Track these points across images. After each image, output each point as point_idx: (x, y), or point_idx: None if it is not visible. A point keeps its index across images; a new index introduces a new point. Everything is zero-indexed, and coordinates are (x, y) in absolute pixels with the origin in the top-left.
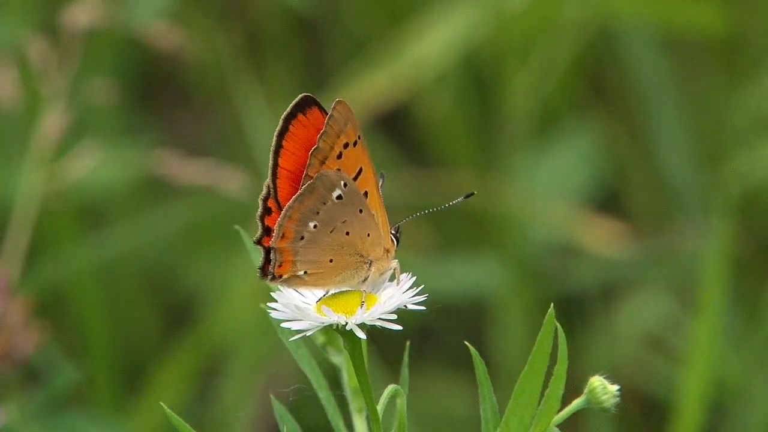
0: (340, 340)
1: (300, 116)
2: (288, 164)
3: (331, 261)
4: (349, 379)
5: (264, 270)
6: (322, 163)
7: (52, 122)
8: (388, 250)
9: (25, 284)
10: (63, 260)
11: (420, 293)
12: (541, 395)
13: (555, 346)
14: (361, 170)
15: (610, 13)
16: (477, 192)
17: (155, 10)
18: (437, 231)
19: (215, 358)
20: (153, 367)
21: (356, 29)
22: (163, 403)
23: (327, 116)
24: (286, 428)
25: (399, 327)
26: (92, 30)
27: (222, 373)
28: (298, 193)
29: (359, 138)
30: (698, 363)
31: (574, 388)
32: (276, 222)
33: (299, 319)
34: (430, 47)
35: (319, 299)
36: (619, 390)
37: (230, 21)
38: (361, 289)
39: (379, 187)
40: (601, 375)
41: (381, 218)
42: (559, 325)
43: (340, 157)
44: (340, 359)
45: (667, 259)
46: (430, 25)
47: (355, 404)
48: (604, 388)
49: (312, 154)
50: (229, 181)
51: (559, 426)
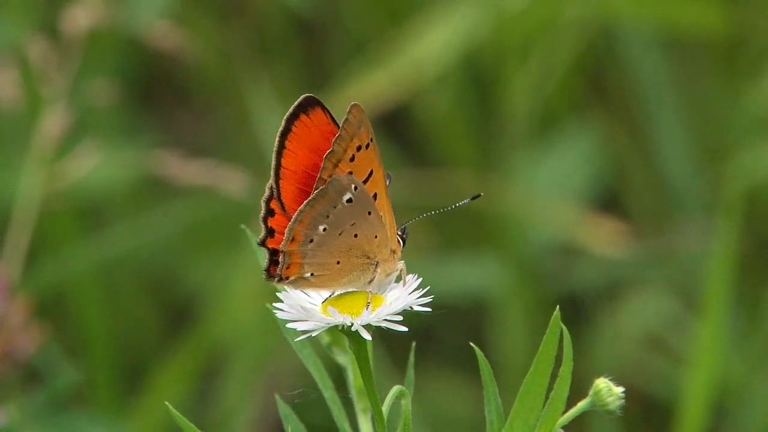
0: (346, 341)
1: (303, 117)
2: (291, 165)
3: (338, 263)
4: (354, 380)
5: (269, 271)
6: (336, 166)
7: (53, 122)
8: (394, 251)
9: (26, 284)
10: (63, 260)
11: (426, 295)
12: (546, 397)
13: (559, 348)
14: (371, 172)
15: (610, 13)
16: (477, 192)
17: (156, 11)
18: (438, 231)
19: (215, 358)
20: (153, 367)
21: (356, 29)
22: (163, 403)
23: (328, 115)
24: (290, 428)
25: (404, 328)
26: (92, 30)
27: (222, 374)
28: (309, 197)
29: (371, 140)
30: (702, 365)
31: (574, 388)
32: (280, 224)
33: (305, 320)
34: (430, 47)
35: (325, 300)
36: (623, 392)
37: (230, 21)
38: (367, 290)
39: (387, 188)
40: (603, 376)
41: (388, 219)
42: (564, 327)
43: (353, 159)
44: (345, 359)
45: (667, 259)
46: (430, 25)
47: (360, 405)
48: (609, 390)
49: (326, 157)
50: (229, 181)
51: (563, 427)
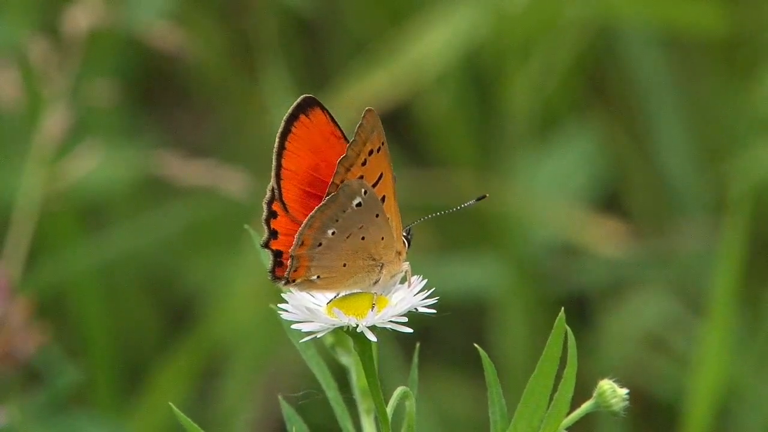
0: (350, 341)
1: (302, 117)
2: (292, 165)
3: (344, 265)
4: (357, 380)
5: (274, 273)
6: (348, 170)
7: (53, 123)
8: (399, 253)
9: (26, 284)
10: (63, 260)
11: (430, 296)
12: (550, 398)
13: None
14: (381, 175)
15: (611, 13)
16: (477, 192)
17: (155, 11)
18: (438, 231)
19: (215, 358)
20: (153, 367)
21: (356, 29)
22: (163, 403)
23: (328, 115)
24: (294, 429)
25: (409, 330)
26: (92, 30)
27: (222, 374)
28: (321, 204)
29: (383, 144)
30: (707, 367)
31: (574, 389)
32: (283, 225)
33: (310, 321)
34: (430, 47)
35: (330, 301)
36: (628, 393)
37: (230, 21)
38: (372, 292)
39: (395, 190)
40: (607, 377)
41: (395, 221)
42: (568, 328)
43: (365, 164)
44: (348, 360)
45: (667, 259)
46: (430, 25)
47: (363, 405)
48: (613, 392)
49: (339, 162)
50: (230, 181)
51: (567, 429)
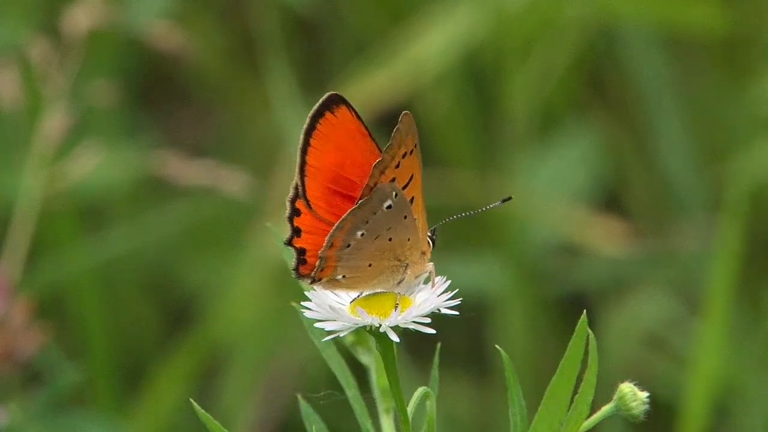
0: (371, 341)
1: (328, 114)
2: (316, 162)
3: (370, 266)
4: (378, 379)
5: (298, 271)
6: (382, 173)
7: (53, 123)
8: (424, 253)
9: (26, 285)
10: (63, 260)
11: (454, 297)
12: (570, 401)
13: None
14: (412, 177)
15: (611, 13)
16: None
17: (155, 11)
18: (438, 230)
19: (216, 358)
20: (153, 367)
21: (357, 29)
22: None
23: (354, 113)
24: (314, 429)
25: (432, 330)
26: (92, 30)
27: (222, 373)
28: (354, 206)
29: (415, 146)
30: (704, 365)
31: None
32: (306, 223)
33: (333, 320)
34: (430, 47)
35: (353, 300)
36: (648, 397)
37: (230, 21)
38: (396, 291)
39: (423, 191)
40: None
41: (421, 222)
42: (590, 332)
43: (398, 166)
44: (368, 359)
45: (667, 259)
46: (430, 25)
47: (383, 405)
48: (633, 395)
49: (375, 165)
50: (229, 181)
51: None
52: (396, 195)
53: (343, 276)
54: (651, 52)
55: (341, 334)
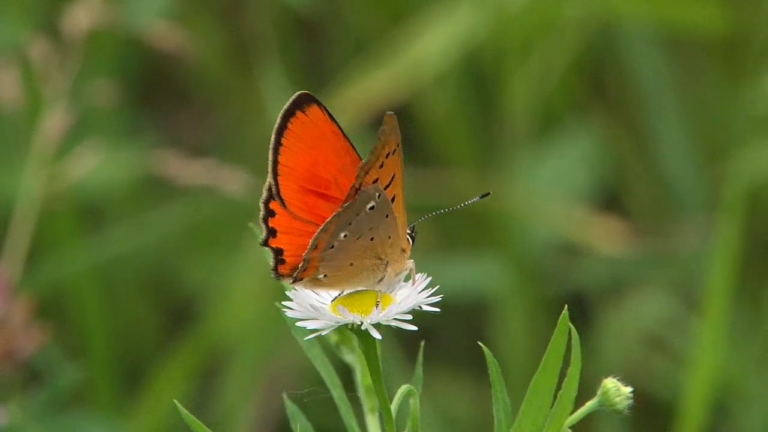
0: (354, 340)
1: (299, 113)
2: (288, 161)
3: (351, 264)
4: (362, 379)
5: (277, 271)
6: (367, 173)
7: (53, 123)
8: (404, 250)
9: (26, 284)
10: (63, 260)
11: (435, 294)
12: (554, 397)
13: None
14: (393, 176)
15: (611, 13)
16: (477, 192)
17: (155, 11)
18: (438, 231)
19: (216, 358)
20: (153, 367)
21: (356, 29)
22: (163, 403)
23: (325, 111)
24: (299, 427)
25: (414, 327)
26: (92, 30)
27: (222, 373)
28: (338, 210)
29: (398, 146)
30: (703, 365)
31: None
32: (281, 223)
33: (314, 318)
34: (430, 47)
35: (334, 299)
36: (632, 392)
37: (230, 21)
38: (377, 289)
39: (404, 189)
40: (611, 376)
41: (401, 220)
42: (573, 327)
43: (381, 166)
44: (353, 358)
45: (667, 259)
46: (430, 25)
47: (368, 404)
48: (617, 390)
49: (360, 167)
50: (229, 181)
51: (571, 427)
52: (379, 196)
53: (325, 275)
54: (651, 52)
55: (323, 333)
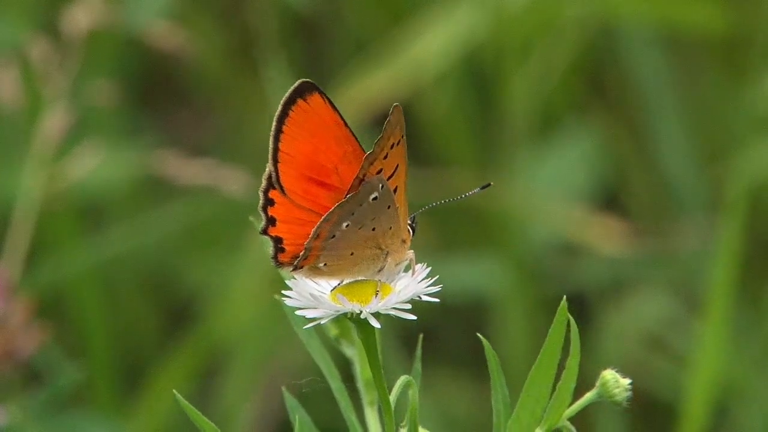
0: (354, 332)
1: (300, 101)
2: (289, 149)
3: (351, 254)
4: (361, 372)
5: (277, 259)
6: (371, 164)
7: (53, 123)
8: (404, 241)
9: (26, 284)
10: (63, 260)
11: (434, 284)
12: (553, 389)
13: (566, 340)
14: (397, 167)
15: (611, 13)
16: (477, 192)
17: (155, 10)
18: (438, 230)
19: (216, 357)
20: (153, 367)
21: (357, 29)
22: (163, 403)
23: (327, 100)
24: (297, 419)
25: (413, 317)
26: (92, 30)
27: (222, 373)
28: (343, 200)
29: (402, 137)
30: (704, 365)
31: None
32: (280, 212)
33: (314, 307)
34: (430, 47)
35: (334, 288)
36: (630, 384)
37: (230, 21)
38: (376, 279)
39: (406, 180)
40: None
41: (402, 210)
42: (571, 318)
43: (386, 157)
44: (352, 352)
45: (667, 258)
46: (430, 25)
47: (367, 397)
48: (616, 382)
49: (366, 158)
50: (229, 181)
51: (570, 419)
52: (382, 187)
53: (325, 264)
54: (651, 52)
55: (322, 321)
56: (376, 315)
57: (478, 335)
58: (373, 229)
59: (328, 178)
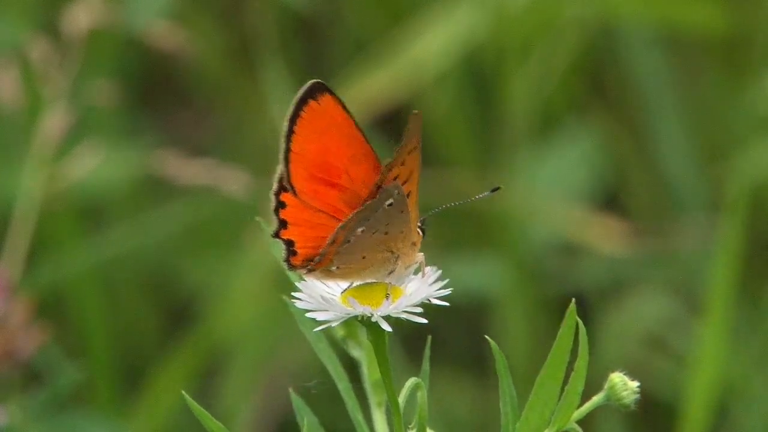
0: (362, 334)
1: (311, 102)
2: (300, 149)
3: (363, 257)
4: (369, 373)
5: (289, 262)
6: (390, 170)
7: (53, 123)
8: (414, 244)
9: (26, 284)
10: (63, 260)
11: (444, 287)
12: (561, 391)
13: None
14: (411, 173)
15: (611, 13)
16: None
17: (155, 10)
18: (438, 230)
19: (216, 358)
20: (153, 367)
21: (357, 29)
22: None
23: (338, 101)
24: (306, 421)
25: (424, 320)
26: (92, 30)
27: (222, 373)
28: (360, 208)
29: (419, 143)
30: (705, 365)
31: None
32: (292, 215)
33: (324, 310)
34: (430, 47)
35: (344, 290)
36: (638, 386)
37: (230, 21)
38: (387, 282)
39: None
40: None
41: (414, 214)
42: (580, 321)
43: (403, 163)
44: (360, 353)
45: (667, 259)
46: (430, 25)
47: (375, 398)
48: (624, 385)
49: (386, 166)
50: (229, 181)
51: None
52: (398, 193)
53: (337, 267)
54: (651, 52)
55: (333, 324)
56: (386, 318)
57: (486, 337)
58: (386, 233)
59: (338, 178)
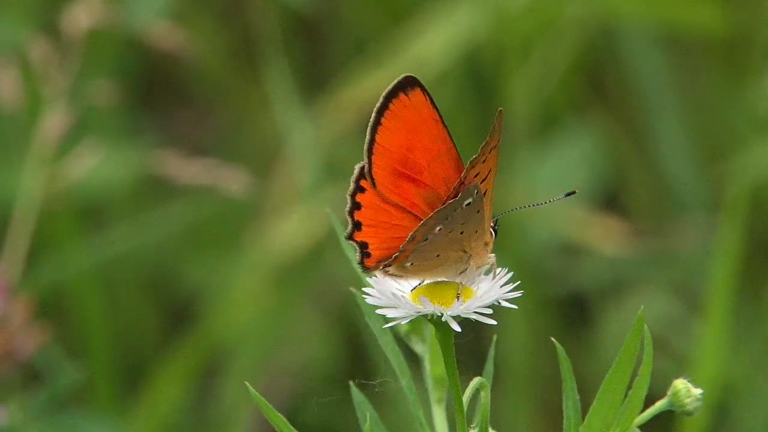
0: (426, 330)
1: (401, 95)
2: (385, 142)
3: (438, 256)
4: (432, 369)
5: (363, 264)
6: (473, 167)
7: (53, 122)
8: (486, 244)
9: (26, 284)
10: (63, 260)
11: (515, 290)
12: (624, 396)
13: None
14: (490, 171)
15: (611, 12)
16: (562, 198)
17: (155, 10)
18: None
19: (216, 358)
20: (153, 367)
21: (357, 28)
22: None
23: (428, 97)
24: (368, 416)
25: (494, 321)
26: (92, 30)
27: (222, 373)
28: (441, 206)
29: (499, 141)
30: (705, 365)
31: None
32: (366, 216)
33: (395, 307)
34: (430, 47)
35: (414, 288)
36: (702, 394)
37: (230, 21)
38: (457, 281)
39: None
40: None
41: (488, 214)
42: (646, 327)
43: (485, 161)
44: (422, 348)
45: (667, 258)
46: (430, 24)
47: (435, 395)
48: (687, 391)
49: (470, 162)
50: (229, 180)
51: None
52: (477, 192)
53: (411, 263)
54: (651, 52)
55: (403, 322)
56: (455, 317)
57: (552, 340)
58: (462, 233)
59: (419, 174)
